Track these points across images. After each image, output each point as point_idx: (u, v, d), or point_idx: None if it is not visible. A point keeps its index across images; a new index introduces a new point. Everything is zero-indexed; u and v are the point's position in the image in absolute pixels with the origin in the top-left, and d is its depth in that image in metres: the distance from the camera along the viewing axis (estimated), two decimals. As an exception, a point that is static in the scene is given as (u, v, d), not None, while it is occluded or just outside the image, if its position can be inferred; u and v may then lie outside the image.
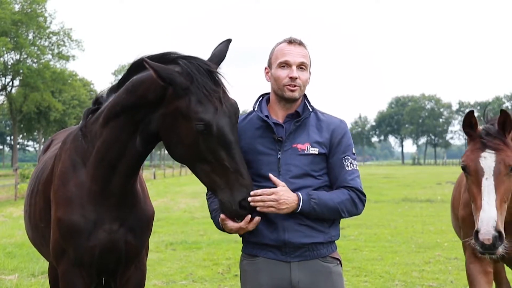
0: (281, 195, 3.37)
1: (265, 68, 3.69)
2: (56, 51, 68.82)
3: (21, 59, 66.45)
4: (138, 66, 3.59)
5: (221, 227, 3.52)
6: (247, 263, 3.61)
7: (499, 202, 3.78)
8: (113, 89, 3.76)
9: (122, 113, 3.57)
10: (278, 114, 3.62)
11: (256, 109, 3.64)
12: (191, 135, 3.29)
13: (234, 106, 3.39)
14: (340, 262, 3.67)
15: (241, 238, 3.66)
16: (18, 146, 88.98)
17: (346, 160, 3.58)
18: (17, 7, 65.16)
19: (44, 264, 8.71)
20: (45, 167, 4.28)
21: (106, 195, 3.70)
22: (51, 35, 68.37)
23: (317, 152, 3.55)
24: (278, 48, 3.62)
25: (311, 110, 3.63)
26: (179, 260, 10.35)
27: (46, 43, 68.61)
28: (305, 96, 3.69)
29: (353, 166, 3.59)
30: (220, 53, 3.61)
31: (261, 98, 3.73)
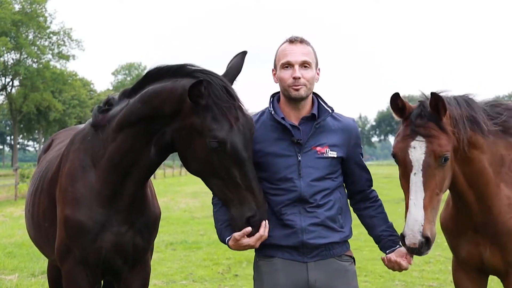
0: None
1: (272, 70, 3.69)
2: (56, 51, 68.93)
3: (21, 59, 66.46)
4: (153, 75, 3.60)
5: (226, 242, 3.52)
6: (263, 264, 3.61)
7: (428, 200, 3.37)
8: (126, 94, 3.74)
9: (137, 123, 3.57)
10: (290, 115, 3.61)
11: (272, 111, 3.60)
12: (205, 151, 3.32)
13: (249, 122, 3.41)
14: (354, 260, 3.73)
15: None
16: (18, 146, 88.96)
17: (362, 159, 3.78)
18: (17, 7, 65.21)
19: (44, 264, 8.70)
20: (50, 166, 4.27)
21: (117, 199, 3.70)
22: (51, 35, 68.47)
23: (335, 155, 3.59)
24: (280, 49, 3.61)
25: (330, 111, 3.63)
26: (179, 260, 10.36)
27: (46, 43, 68.71)
28: (317, 96, 3.69)
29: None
30: (236, 67, 3.63)
31: (272, 98, 3.71)
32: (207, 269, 9.48)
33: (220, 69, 3.62)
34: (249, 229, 3.34)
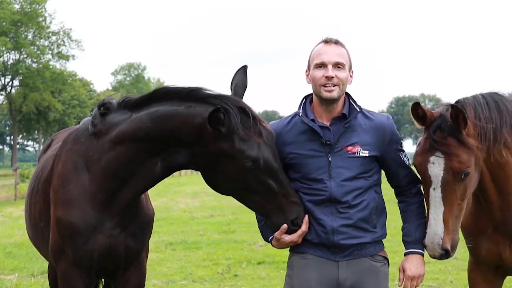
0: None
1: (306, 71, 3.68)
2: (56, 51, 68.90)
3: (21, 59, 66.45)
4: (161, 94, 3.59)
5: (270, 242, 3.61)
6: (295, 259, 3.64)
7: (448, 213, 3.40)
8: (128, 106, 3.69)
9: (144, 140, 3.54)
10: (322, 116, 3.61)
11: (300, 113, 3.61)
12: (238, 172, 3.38)
13: (271, 134, 3.48)
14: (388, 261, 3.72)
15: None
16: (17, 146, 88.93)
17: (402, 154, 3.67)
18: (17, 7, 65.18)
19: (44, 264, 8.70)
20: (45, 166, 4.26)
21: (112, 204, 3.68)
22: (50, 35, 68.45)
23: (367, 155, 3.56)
24: (315, 50, 3.62)
25: (358, 110, 3.61)
26: (178, 260, 10.34)
27: (46, 43, 68.69)
28: (348, 95, 3.67)
29: (406, 157, 3.70)
30: (242, 84, 3.67)
31: (304, 100, 3.71)
32: (206, 269, 9.47)
33: (221, 68, 3.66)
34: (285, 226, 3.43)
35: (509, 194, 3.76)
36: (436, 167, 3.41)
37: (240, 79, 3.68)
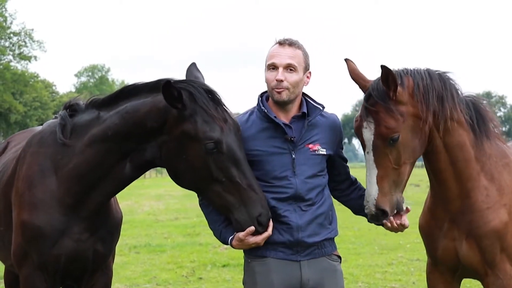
0: None
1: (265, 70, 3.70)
2: (17, 51, 67.70)
3: (-19, 60, 65.15)
4: (129, 91, 3.56)
5: (229, 243, 3.53)
6: (256, 264, 3.59)
7: (382, 175, 3.47)
8: (95, 105, 3.66)
9: (112, 139, 3.50)
10: (279, 115, 3.62)
11: (264, 109, 3.61)
12: (201, 156, 3.32)
13: (236, 124, 3.45)
14: (341, 260, 3.77)
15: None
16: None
17: (343, 153, 3.86)
18: (-24, 7, 63.92)
19: (2, 268, 8.53)
20: (5, 169, 4.16)
21: (80, 208, 3.63)
22: (11, 36, 67.24)
23: (325, 153, 3.65)
24: (269, 51, 3.64)
25: (321, 108, 3.68)
26: (142, 263, 10.27)
27: (7, 44, 67.45)
28: (306, 96, 3.72)
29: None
30: (202, 77, 3.64)
31: (260, 98, 3.71)
32: (171, 272, 9.42)
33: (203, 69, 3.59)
34: (252, 228, 3.36)
35: (468, 180, 3.78)
36: (368, 132, 3.53)
37: (198, 74, 3.65)
